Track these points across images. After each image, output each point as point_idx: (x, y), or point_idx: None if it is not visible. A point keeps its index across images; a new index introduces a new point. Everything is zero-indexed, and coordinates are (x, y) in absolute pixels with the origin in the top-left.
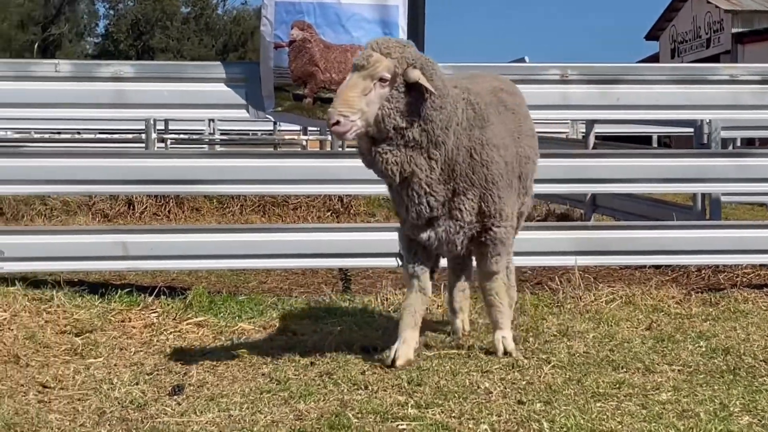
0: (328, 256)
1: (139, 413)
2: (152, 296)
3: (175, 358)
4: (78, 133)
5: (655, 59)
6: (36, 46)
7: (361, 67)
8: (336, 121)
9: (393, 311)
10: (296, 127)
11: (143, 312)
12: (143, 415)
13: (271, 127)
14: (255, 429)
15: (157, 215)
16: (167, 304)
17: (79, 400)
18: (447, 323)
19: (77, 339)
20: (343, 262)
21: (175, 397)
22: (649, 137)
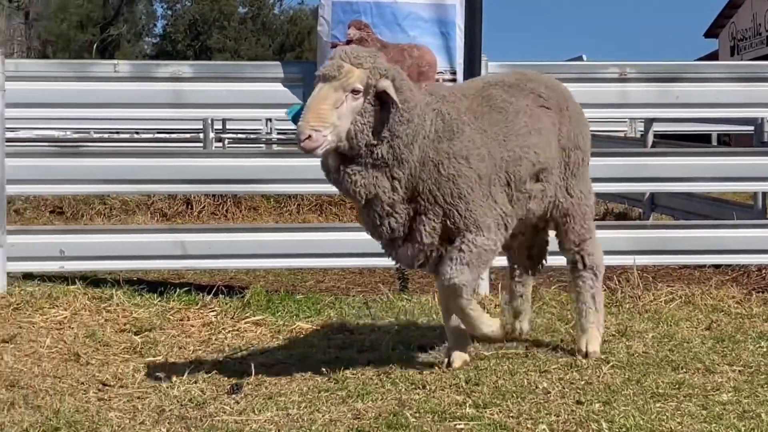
0: (380, 254)
1: (197, 411)
2: (210, 295)
3: (233, 357)
4: (136, 133)
5: (714, 57)
6: (95, 46)
7: (332, 77)
8: (308, 135)
9: None
10: None
11: (202, 311)
12: (202, 413)
13: None
14: (313, 428)
15: (214, 214)
16: (225, 303)
17: (138, 398)
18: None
19: (136, 337)
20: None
21: (233, 395)
22: (708, 135)
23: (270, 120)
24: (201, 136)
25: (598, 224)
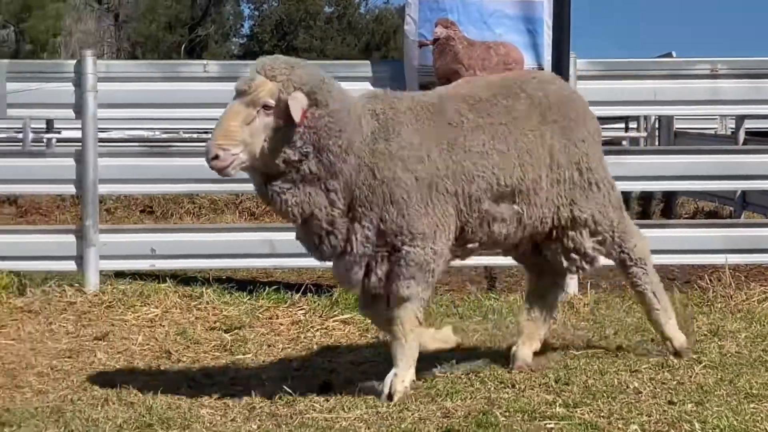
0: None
1: (287, 409)
2: (299, 293)
3: (322, 355)
4: None
5: None
6: (183, 47)
7: (242, 92)
8: (214, 155)
9: None
10: None
11: (290, 309)
12: (292, 410)
13: None
14: (402, 426)
15: None
16: (314, 302)
17: (229, 395)
18: (596, 324)
19: (226, 335)
20: (488, 261)
21: (323, 393)
22: None
23: None
24: None
25: (689, 223)
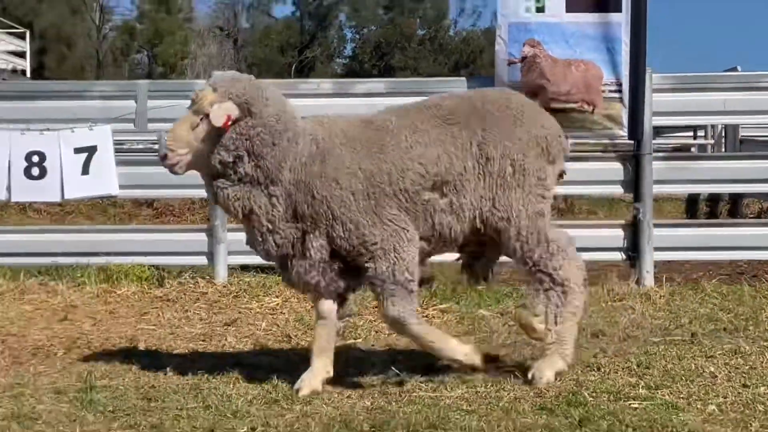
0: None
1: (397, 388)
2: None
3: None
4: None
5: None
6: (293, 68)
7: (192, 102)
8: (163, 154)
9: (618, 300)
10: None
11: None
12: (401, 389)
13: None
14: (500, 404)
15: None
16: None
17: (343, 376)
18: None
19: (339, 322)
20: None
21: (426, 375)
22: None
23: None
24: None
25: (757, 222)
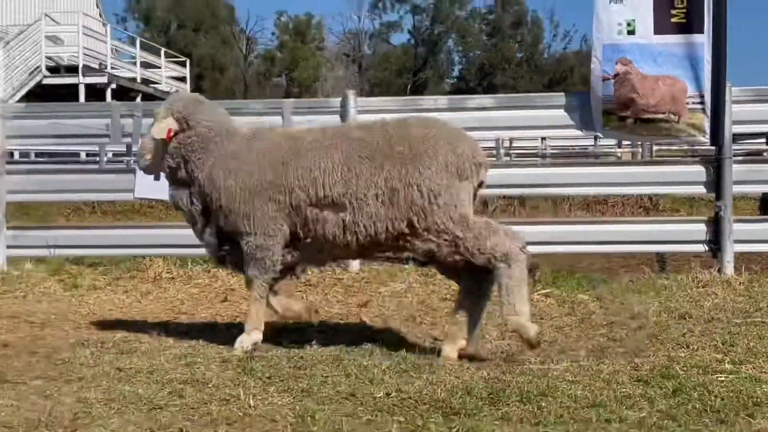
0: (642, 242)
1: (509, 361)
2: None
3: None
4: None
5: None
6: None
7: (155, 117)
8: (135, 159)
9: (703, 287)
10: (612, 141)
11: None
12: (513, 362)
13: (590, 143)
14: (601, 376)
15: (504, 212)
16: None
17: (463, 348)
18: (751, 299)
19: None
20: (657, 248)
21: (533, 349)
22: None
23: (544, 138)
24: (494, 151)
25: None
